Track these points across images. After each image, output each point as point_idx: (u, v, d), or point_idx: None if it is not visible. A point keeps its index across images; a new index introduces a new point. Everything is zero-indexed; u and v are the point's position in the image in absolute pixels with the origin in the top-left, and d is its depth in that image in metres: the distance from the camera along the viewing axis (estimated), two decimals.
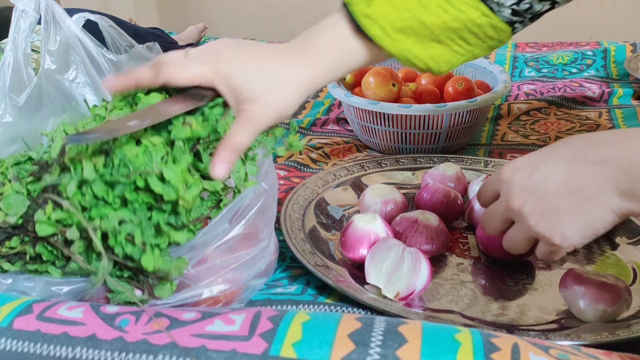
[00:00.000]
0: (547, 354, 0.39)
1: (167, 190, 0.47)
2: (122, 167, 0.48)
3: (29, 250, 0.49)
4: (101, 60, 0.80)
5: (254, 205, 0.54)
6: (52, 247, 0.49)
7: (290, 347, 0.39)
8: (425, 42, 0.60)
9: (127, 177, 0.47)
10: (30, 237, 0.49)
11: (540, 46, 1.48)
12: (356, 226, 0.65)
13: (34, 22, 0.75)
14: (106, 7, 2.45)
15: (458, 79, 0.97)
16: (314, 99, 1.24)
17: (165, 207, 0.49)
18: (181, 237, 0.49)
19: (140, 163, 0.48)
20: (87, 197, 0.47)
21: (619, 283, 0.55)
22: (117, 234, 0.47)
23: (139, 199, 0.48)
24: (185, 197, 0.48)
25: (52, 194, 0.48)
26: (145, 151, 0.48)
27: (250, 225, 0.54)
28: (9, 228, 0.50)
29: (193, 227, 0.50)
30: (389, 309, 0.56)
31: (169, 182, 0.47)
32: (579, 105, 1.11)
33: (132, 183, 0.48)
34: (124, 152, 0.48)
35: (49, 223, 0.47)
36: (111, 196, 0.48)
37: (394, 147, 0.94)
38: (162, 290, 0.50)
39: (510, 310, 0.58)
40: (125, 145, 0.48)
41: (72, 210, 0.47)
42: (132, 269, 0.49)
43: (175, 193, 0.48)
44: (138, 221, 0.48)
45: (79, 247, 0.48)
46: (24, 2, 0.73)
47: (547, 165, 0.50)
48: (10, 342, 0.42)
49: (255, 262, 0.56)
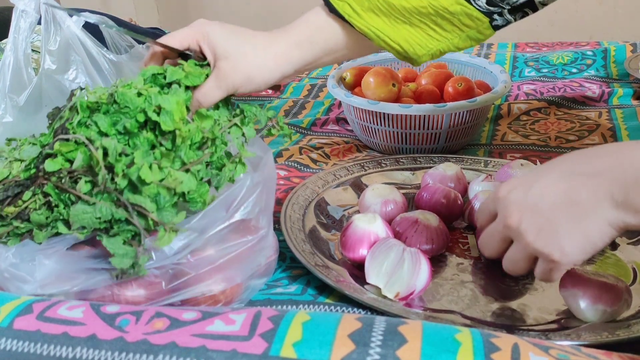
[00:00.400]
0: (547, 354, 0.39)
1: (164, 119, 0.51)
2: (124, 107, 0.52)
3: (38, 199, 0.51)
4: (101, 60, 0.80)
5: (252, 194, 0.55)
6: (60, 190, 0.51)
7: (290, 347, 0.39)
8: (397, 22, 0.61)
9: (128, 113, 0.52)
10: (41, 185, 0.52)
11: (540, 46, 1.48)
12: (356, 226, 0.65)
13: (34, 22, 0.75)
14: (106, 7, 2.45)
15: (458, 79, 0.98)
16: (314, 99, 1.24)
17: (166, 144, 0.52)
18: (183, 176, 0.51)
19: (140, 102, 0.52)
20: (92, 132, 0.51)
21: (619, 283, 0.55)
22: (117, 157, 0.50)
23: (141, 136, 0.52)
24: (182, 127, 0.52)
25: (61, 134, 0.52)
26: (145, 99, 0.53)
27: (248, 212, 0.55)
28: (23, 180, 0.53)
29: (194, 170, 0.53)
30: (389, 309, 0.56)
31: (165, 110, 0.51)
32: (579, 105, 1.11)
33: (134, 118, 0.52)
34: (125, 94, 0.52)
35: (57, 161, 0.51)
36: (114, 131, 0.52)
37: (394, 147, 0.94)
38: (162, 240, 0.49)
39: (510, 310, 0.58)
40: (127, 89, 0.53)
41: (78, 139, 0.50)
42: (132, 206, 0.49)
43: (171, 120, 0.51)
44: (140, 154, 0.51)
45: (84, 185, 0.50)
46: (24, 2, 0.73)
47: (542, 181, 0.50)
48: (11, 342, 0.42)
49: (254, 255, 0.57)
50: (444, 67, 1.08)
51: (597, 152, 0.49)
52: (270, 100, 1.21)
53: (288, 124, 1.08)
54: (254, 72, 0.61)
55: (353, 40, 0.64)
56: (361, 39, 0.63)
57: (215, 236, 0.53)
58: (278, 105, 1.19)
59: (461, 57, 1.09)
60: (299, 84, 1.31)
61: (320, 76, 1.39)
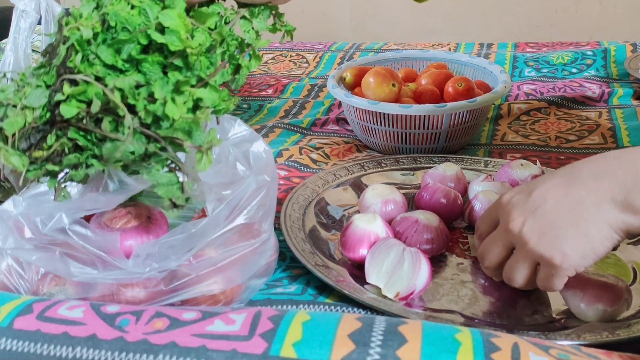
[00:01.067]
0: (547, 354, 0.39)
1: (170, 39, 0.47)
2: (122, 31, 0.48)
3: (66, 143, 0.49)
4: None
5: (255, 197, 0.55)
6: (84, 132, 0.49)
7: (290, 347, 0.39)
8: None
9: (128, 36, 0.47)
10: (63, 129, 0.49)
11: (540, 46, 1.48)
12: (356, 226, 0.65)
13: (34, 22, 0.75)
14: None
15: (458, 79, 0.98)
16: (314, 99, 1.24)
17: (177, 62, 0.48)
18: (203, 93, 0.47)
19: (137, 21, 0.47)
20: (98, 67, 0.47)
21: (619, 283, 0.55)
22: (136, 95, 0.47)
23: (149, 60, 0.48)
24: (191, 44, 0.47)
25: (65, 74, 0.48)
26: (140, 11, 0.48)
27: (252, 216, 0.54)
28: (41, 125, 0.50)
29: (214, 83, 0.49)
30: (389, 309, 0.56)
31: (169, 29, 0.47)
32: (579, 105, 1.11)
33: (137, 43, 0.47)
34: (118, 14, 0.47)
35: (72, 104, 0.47)
36: (120, 62, 0.48)
37: (394, 147, 0.94)
38: (201, 163, 0.48)
39: (510, 310, 0.58)
40: (118, 6, 0.48)
41: (86, 79, 0.46)
42: (161, 139, 0.48)
43: (178, 39, 0.47)
44: (155, 81, 0.48)
45: (109, 124, 0.47)
46: (25, 2, 0.73)
47: (544, 185, 0.51)
48: (11, 342, 0.42)
49: (256, 258, 0.57)
50: (444, 67, 1.08)
51: (599, 157, 0.49)
52: (270, 100, 1.21)
53: (288, 124, 1.08)
54: None
55: None
56: None
57: (218, 239, 0.53)
58: (278, 105, 1.19)
59: (461, 57, 1.09)
60: (299, 84, 1.31)
61: (320, 76, 1.39)
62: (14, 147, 0.49)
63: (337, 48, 1.58)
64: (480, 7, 2.06)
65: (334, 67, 1.45)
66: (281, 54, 1.58)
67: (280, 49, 1.63)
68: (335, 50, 1.55)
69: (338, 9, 2.25)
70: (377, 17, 2.23)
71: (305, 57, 1.54)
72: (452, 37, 2.04)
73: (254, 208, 0.54)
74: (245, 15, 0.54)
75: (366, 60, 1.09)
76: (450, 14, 2.12)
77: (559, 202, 0.49)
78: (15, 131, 0.49)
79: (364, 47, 1.56)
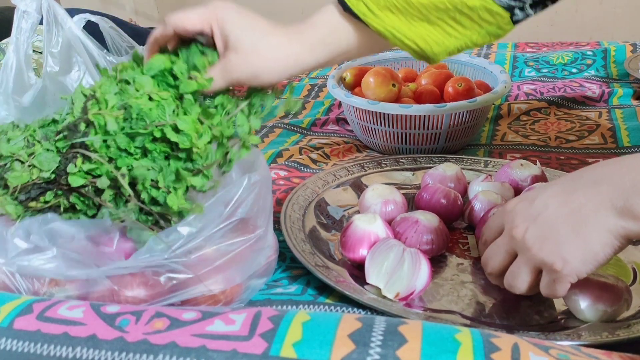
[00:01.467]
0: (547, 354, 0.39)
1: (182, 139, 0.54)
2: (139, 120, 0.54)
3: (62, 202, 0.55)
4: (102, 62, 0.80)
5: (250, 193, 0.55)
6: (84, 198, 0.55)
7: (290, 347, 0.40)
8: (414, 20, 0.59)
9: (145, 129, 0.54)
10: (63, 190, 0.55)
11: (540, 46, 1.48)
12: (356, 226, 0.65)
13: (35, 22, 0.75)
14: (106, 7, 2.45)
15: (458, 79, 0.98)
16: (314, 99, 1.24)
17: (180, 155, 0.54)
18: (197, 181, 0.54)
19: (155, 116, 0.54)
20: (112, 150, 0.54)
21: (619, 283, 0.55)
22: (143, 180, 0.53)
23: (157, 149, 0.54)
24: (198, 144, 0.54)
25: (80, 149, 0.54)
26: (159, 105, 0.55)
27: (247, 211, 0.55)
28: (43, 183, 0.55)
29: (207, 172, 0.55)
30: (389, 309, 0.56)
31: (183, 131, 0.54)
32: (579, 105, 1.11)
33: (150, 134, 0.54)
34: (139, 107, 0.54)
35: (80, 175, 0.54)
36: (132, 147, 0.54)
37: (394, 147, 0.94)
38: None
39: (511, 310, 0.58)
40: (140, 100, 0.55)
41: (101, 161, 0.53)
42: (155, 214, 0.54)
43: (189, 141, 0.53)
44: (159, 168, 0.54)
45: (109, 195, 0.54)
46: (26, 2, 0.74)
47: (546, 192, 0.51)
48: (11, 342, 0.42)
49: (254, 256, 0.57)
50: (444, 67, 1.08)
51: (598, 164, 0.49)
52: None
53: (288, 124, 1.08)
54: (262, 71, 0.59)
55: (367, 39, 0.61)
56: (375, 39, 0.61)
57: (214, 235, 0.53)
58: (277, 105, 1.19)
59: (461, 57, 1.09)
60: (299, 84, 1.31)
61: (320, 76, 1.39)
62: (12, 196, 0.55)
63: None
64: None
65: (334, 67, 1.45)
66: None
67: None
68: None
69: None
70: None
71: None
72: None
73: (248, 204, 0.55)
74: (244, 110, 0.60)
75: (366, 60, 1.09)
76: None
77: (559, 209, 0.49)
78: (18, 185, 0.55)
79: None
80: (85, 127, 0.55)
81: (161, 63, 0.58)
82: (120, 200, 0.54)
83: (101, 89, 0.56)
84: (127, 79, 0.57)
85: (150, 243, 0.51)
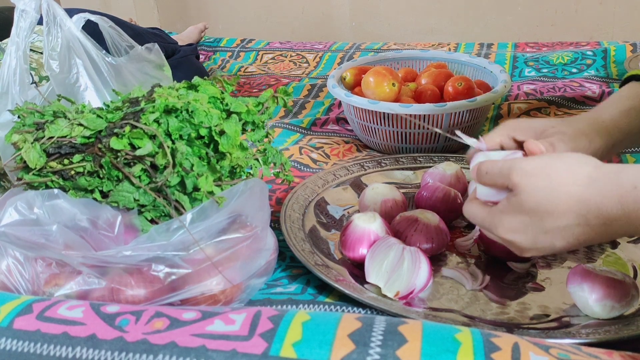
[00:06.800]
0: (547, 354, 0.39)
1: (224, 142, 0.57)
2: (192, 118, 0.57)
3: (90, 167, 0.56)
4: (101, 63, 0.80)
5: (244, 193, 0.56)
6: (114, 167, 0.56)
7: (290, 347, 0.39)
8: None
9: (194, 124, 0.57)
10: (94, 156, 0.56)
11: (540, 46, 1.48)
12: (356, 225, 0.65)
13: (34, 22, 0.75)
14: (106, 7, 2.45)
15: (458, 78, 0.97)
16: (314, 98, 1.24)
17: (213, 157, 0.58)
18: (216, 189, 0.57)
19: (207, 119, 0.57)
20: (160, 130, 0.56)
21: (627, 279, 0.55)
22: (183, 160, 0.55)
23: (197, 144, 0.57)
24: (234, 151, 0.58)
25: (131, 120, 0.56)
26: (207, 113, 0.58)
27: (243, 210, 0.56)
28: (78, 144, 0.57)
29: (225, 186, 0.58)
30: (389, 308, 0.56)
31: (227, 135, 0.57)
32: (579, 105, 1.11)
33: (196, 130, 0.57)
34: (196, 109, 0.57)
35: (122, 141, 0.55)
36: (178, 135, 0.57)
37: (394, 146, 0.94)
38: None
39: (511, 309, 0.58)
40: (197, 104, 0.58)
41: (152, 130, 0.55)
42: (173, 201, 0.56)
43: (229, 145, 0.57)
44: (197, 154, 0.57)
45: (139, 169, 0.55)
46: (25, 1, 0.73)
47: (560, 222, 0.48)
48: (11, 342, 0.42)
49: (254, 255, 0.57)
50: (444, 67, 1.08)
51: None
52: None
53: (288, 124, 1.08)
54: None
55: None
56: None
57: (211, 230, 0.53)
58: (278, 106, 1.18)
59: (461, 57, 1.09)
60: (299, 84, 1.31)
61: (320, 76, 1.39)
62: (42, 145, 0.56)
63: (337, 48, 1.58)
64: (480, 7, 2.06)
65: (334, 67, 1.45)
66: (281, 54, 1.58)
67: (280, 49, 1.63)
68: (335, 50, 1.55)
69: (338, 9, 2.25)
70: (377, 17, 2.23)
71: (305, 57, 1.54)
72: (452, 37, 2.04)
73: (245, 203, 0.55)
74: (259, 159, 0.65)
75: (366, 60, 1.09)
76: (450, 14, 2.12)
77: (565, 247, 0.50)
78: (55, 135, 0.56)
79: (364, 47, 1.56)
80: (145, 104, 0.58)
81: (213, 93, 0.62)
82: (144, 180, 0.56)
83: (164, 90, 0.60)
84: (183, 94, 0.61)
85: (152, 232, 0.51)
